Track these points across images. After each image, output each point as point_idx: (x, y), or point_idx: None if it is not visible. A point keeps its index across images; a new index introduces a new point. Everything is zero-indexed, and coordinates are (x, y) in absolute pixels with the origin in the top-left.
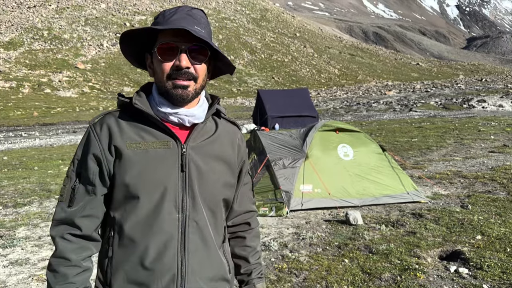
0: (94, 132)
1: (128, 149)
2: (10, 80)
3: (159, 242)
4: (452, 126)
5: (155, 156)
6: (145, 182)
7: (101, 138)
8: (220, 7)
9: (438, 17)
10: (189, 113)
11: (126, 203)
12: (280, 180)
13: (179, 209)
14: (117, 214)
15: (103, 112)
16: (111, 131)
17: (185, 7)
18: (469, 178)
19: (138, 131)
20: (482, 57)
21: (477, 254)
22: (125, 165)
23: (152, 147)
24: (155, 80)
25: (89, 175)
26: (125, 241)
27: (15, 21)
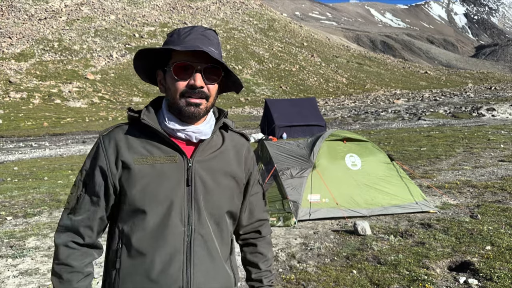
0: (102, 145)
1: (135, 163)
2: (21, 91)
3: (165, 255)
4: (461, 135)
5: (161, 171)
6: (151, 196)
7: (108, 151)
8: (228, 18)
9: (446, 26)
10: (197, 130)
11: (133, 216)
12: (287, 190)
13: (185, 222)
14: (125, 226)
15: (114, 125)
16: (119, 145)
17: (199, 27)
18: (479, 188)
19: (145, 145)
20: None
21: (487, 264)
22: (132, 179)
23: (158, 161)
24: (166, 96)
25: (95, 187)
26: (132, 253)
27: (26, 33)
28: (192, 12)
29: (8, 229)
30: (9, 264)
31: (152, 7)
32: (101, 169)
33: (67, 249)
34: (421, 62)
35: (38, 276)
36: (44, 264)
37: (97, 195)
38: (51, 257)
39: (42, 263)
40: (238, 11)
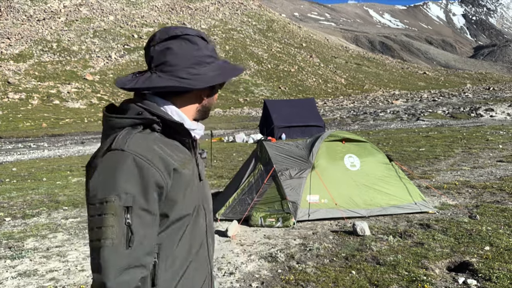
0: (142, 158)
1: (182, 169)
2: (20, 91)
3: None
4: (460, 135)
5: (191, 172)
6: (192, 199)
7: (156, 163)
8: (227, 19)
9: (444, 26)
10: (201, 127)
11: (174, 225)
12: (286, 191)
13: (204, 216)
14: (163, 238)
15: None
16: (159, 153)
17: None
18: (477, 188)
19: (172, 149)
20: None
21: (486, 265)
22: (181, 187)
23: (188, 163)
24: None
25: (150, 206)
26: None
27: (25, 34)
28: (191, 13)
29: (7, 230)
30: (7, 265)
31: (151, 8)
32: (157, 184)
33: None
34: (420, 63)
35: (36, 277)
36: (43, 266)
37: (153, 214)
38: (50, 258)
39: (41, 264)
40: (237, 12)
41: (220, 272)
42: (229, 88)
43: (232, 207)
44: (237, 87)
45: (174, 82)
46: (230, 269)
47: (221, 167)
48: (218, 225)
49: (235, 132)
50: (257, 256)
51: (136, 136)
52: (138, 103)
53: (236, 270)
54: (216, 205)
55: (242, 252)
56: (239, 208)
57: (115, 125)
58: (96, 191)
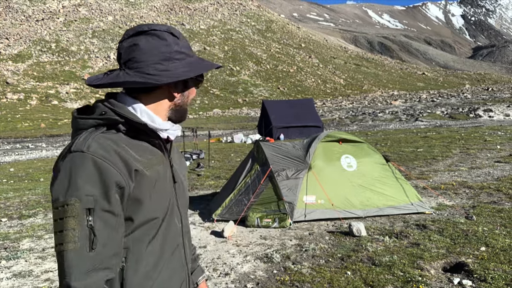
0: (102, 158)
1: (146, 170)
2: (18, 92)
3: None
4: (458, 136)
5: (159, 173)
6: (160, 202)
7: (116, 164)
8: (226, 19)
9: (443, 27)
10: (176, 127)
11: (142, 228)
12: (283, 191)
13: (179, 219)
14: (131, 241)
15: (86, 135)
16: (121, 154)
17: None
18: (475, 189)
19: (138, 150)
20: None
21: (481, 265)
22: (145, 189)
23: (156, 164)
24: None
25: (112, 207)
26: (142, 267)
27: (24, 34)
28: (190, 13)
29: (3, 230)
30: (2, 266)
31: (150, 8)
32: (118, 184)
33: None
34: (419, 63)
35: (31, 278)
36: (38, 266)
37: (116, 215)
38: (45, 259)
39: (36, 265)
40: (236, 12)
41: (215, 273)
42: (228, 88)
43: (229, 207)
44: (236, 88)
45: (140, 78)
46: (225, 269)
47: (219, 167)
48: (215, 226)
49: (233, 132)
50: (253, 257)
51: (98, 137)
52: (105, 102)
53: (232, 271)
54: (213, 206)
55: (238, 253)
56: (235, 209)
57: (80, 126)
58: (57, 195)
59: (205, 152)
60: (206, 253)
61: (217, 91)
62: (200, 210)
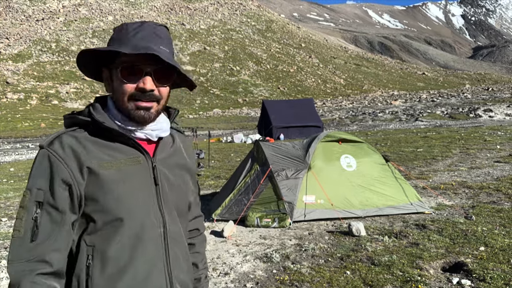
0: (56, 155)
1: (102, 169)
2: (18, 92)
3: (147, 260)
4: (458, 136)
5: (129, 174)
6: (125, 203)
7: (67, 161)
8: (226, 19)
9: (443, 27)
10: (157, 127)
11: (106, 228)
12: (283, 191)
13: (160, 223)
14: (96, 240)
15: (56, 133)
16: (77, 152)
17: (150, 23)
18: (474, 189)
19: (104, 149)
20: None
21: (480, 265)
22: (101, 188)
23: (124, 164)
24: (114, 97)
25: (57, 203)
26: (109, 267)
27: (24, 34)
28: (190, 13)
29: (3, 230)
30: (3, 266)
31: (150, 8)
32: (64, 181)
33: (34, 285)
34: (419, 63)
35: None
36: None
37: (61, 212)
38: None
39: None
40: (236, 12)
41: (215, 273)
42: (228, 88)
43: (228, 207)
44: (236, 88)
45: None
46: (225, 269)
47: (219, 167)
48: (214, 226)
49: (233, 132)
50: (252, 257)
51: (64, 134)
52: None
53: (231, 271)
54: (213, 206)
55: (238, 253)
56: (235, 209)
57: (64, 125)
58: None
59: (205, 152)
60: (205, 253)
61: (217, 91)
62: None
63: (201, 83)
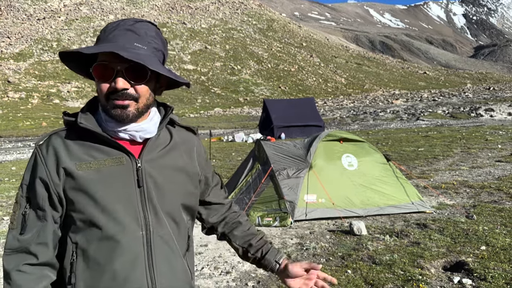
0: (40, 154)
1: (78, 170)
2: (20, 91)
3: (126, 262)
4: (459, 135)
5: (109, 175)
6: (103, 203)
7: (47, 161)
8: (227, 18)
9: (445, 26)
10: (140, 128)
11: (86, 226)
12: (284, 190)
13: (142, 226)
14: (78, 238)
15: (50, 131)
16: (58, 153)
17: (128, 20)
18: (475, 188)
19: (87, 150)
20: (489, 66)
21: (481, 264)
22: (78, 188)
23: (104, 165)
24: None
25: (38, 201)
26: (91, 265)
27: (25, 33)
28: (191, 12)
29: (5, 228)
30: None
31: (151, 7)
32: (42, 180)
33: (20, 274)
34: (420, 63)
35: None
36: None
37: (42, 209)
38: None
39: None
40: (237, 11)
41: (216, 271)
42: (229, 87)
43: None
44: (237, 87)
45: None
46: (226, 268)
47: (220, 166)
48: None
49: (234, 131)
50: None
51: (53, 135)
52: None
53: (233, 269)
54: None
55: None
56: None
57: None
58: None
59: (206, 151)
60: (207, 251)
61: (218, 90)
62: None
63: (202, 82)
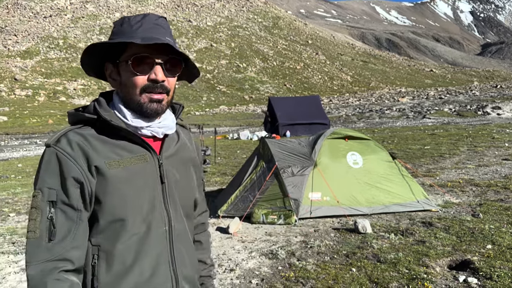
0: (64, 153)
1: (110, 168)
2: (26, 88)
3: (153, 259)
4: (466, 133)
5: (135, 172)
6: (132, 201)
7: (76, 159)
8: (233, 16)
9: (452, 23)
10: (162, 125)
11: (112, 226)
12: (288, 188)
13: (166, 222)
14: (101, 239)
15: (62, 131)
16: (85, 150)
17: (151, 16)
18: (482, 186)
19: (112, 148)
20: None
21: (487, 263)
22: (109, 187)
23: (131, 163)
24: (121, 92)
25: (72, 202)
26: (115, 266)
27: (32, 31)
28: (197, 10)
29: (11, 225)
30: (10, 261)
31: (157, 5)
32: (76, 179)
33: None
34: (427, 60)
35: None
36: None
37: (77, 209)
38: None
39: None
40: (243, 9)
41: (220, 269)
42: (235, 85)
43: (234, 204)
44: (243, 84)
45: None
46: (230, 265)
47: (225, 164)
48: (220, 222)
49: (240, 129)
50: (258, 253)
51: (70, 132)
52: (95, 100)
53: (237, 267)
54: (218, 202)
55: (243, 249)
56: (241, 205)
57: (68, 121)
58: (33, 186)
59: (211, 148)
60: (211, 249)
61: (224, 88)
62: None
63: (207, 80)
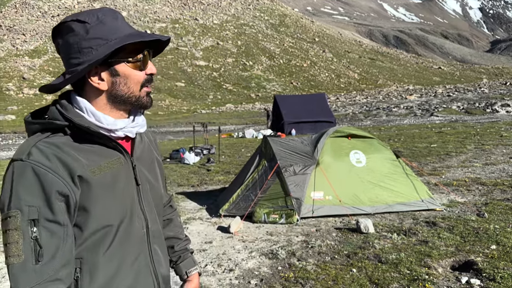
0: (42, 166)
1: (94, 176)
2: (35, 87)
3: (134, 264)
4: (473, 131)
5: (116, 177)
6: (116, 207)
7: (57, 171)
8: (239, 14)
9: (460, 20)
10: (135, 124)
11: (95, 236)
12: (290, 187)
13: (143, 224)
14: (83, 251)
15: (28, 142)
16: (63, 160)
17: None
18: (488, 185)
19: (88, 155)
20: (506, 60)
21: (491, 264)
22: (94, 195)
23: (110, 168)
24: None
25: (57, 217)
26: (99, 279)
27: (40, 30)
28: (203, 8)
29: None
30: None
31: (164, 3)
32: (61, 193)
33: None
34: (435, 57)
35: None
36: None
37: (63, 224)
38: None
39: None
40: (249, 7)
41: (219, 269)
42: (241, 83)
43: (236, 203)
44: (249, 83)
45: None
46: (230, 265)
47: (229, 162)
48: (222, 221)
49: (245, 127)
50: (258, 253)
51: (40, 143)
52: (57, 104)
53: (236, 267)
54: (220, 201)
55: (244, 249)
56: (242, 204)
57: (29, 130)
58: (1, 206)
59: (215, 147)
60: (211, 248)
61: (230, 86)
62: (207, 206)
63: (214, 78)
